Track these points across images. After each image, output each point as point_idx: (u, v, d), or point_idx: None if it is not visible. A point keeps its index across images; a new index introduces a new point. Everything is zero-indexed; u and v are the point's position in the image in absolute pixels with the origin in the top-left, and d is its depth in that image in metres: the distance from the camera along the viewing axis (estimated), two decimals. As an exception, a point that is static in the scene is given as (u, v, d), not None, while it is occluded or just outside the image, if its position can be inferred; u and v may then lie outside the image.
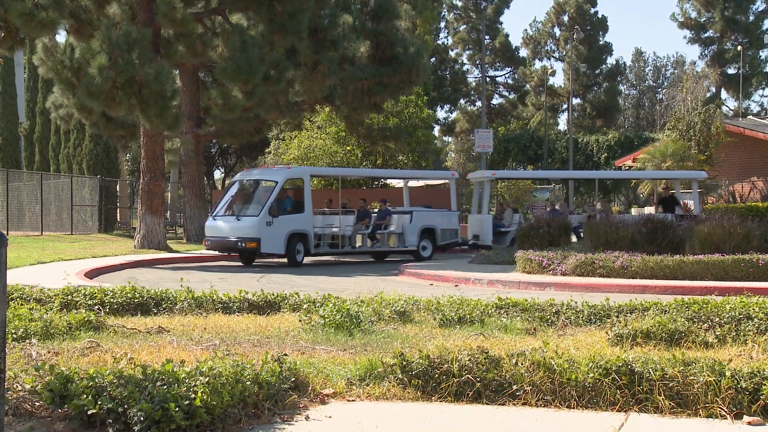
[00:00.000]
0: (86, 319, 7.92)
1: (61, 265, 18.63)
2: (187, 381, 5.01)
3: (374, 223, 24.18)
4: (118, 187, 39.65)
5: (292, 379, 5.68)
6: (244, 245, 21.41)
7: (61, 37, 57.67)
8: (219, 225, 22.17)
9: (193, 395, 4.86)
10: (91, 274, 17.56)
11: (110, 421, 4.77)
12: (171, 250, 24.95)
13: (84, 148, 39.50)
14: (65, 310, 8.92)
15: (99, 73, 20.23)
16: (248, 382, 5.27)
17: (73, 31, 23.79)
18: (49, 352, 6.29)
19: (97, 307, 9.11)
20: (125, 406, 4.76)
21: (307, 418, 5.26)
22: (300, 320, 8.41)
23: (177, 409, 4.72)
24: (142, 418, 4.67)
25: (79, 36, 23.59)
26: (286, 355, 6.03)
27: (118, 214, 40.01)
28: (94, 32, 22.51)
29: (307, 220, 22.23)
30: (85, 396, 4.84)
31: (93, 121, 27.50)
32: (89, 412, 4.80)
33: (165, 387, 4.91)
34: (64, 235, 32.56)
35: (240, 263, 23.23)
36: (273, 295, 10.09)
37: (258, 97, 24.49)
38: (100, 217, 36.54)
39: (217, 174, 61.17)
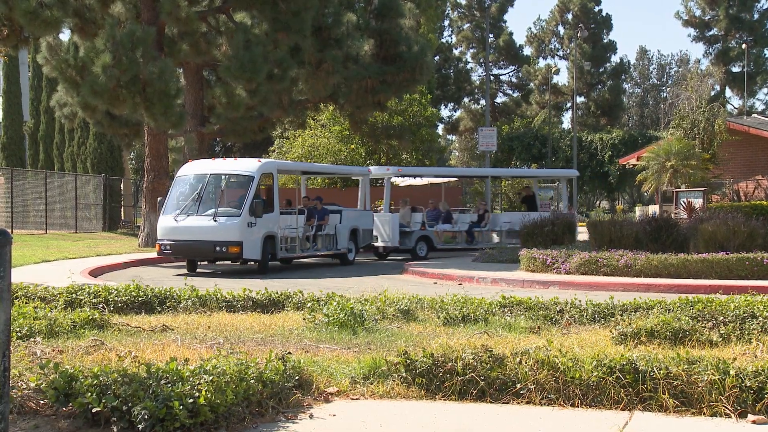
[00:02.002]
0: (90, 317, 7.93)
1: (66, 263, 18.66)
2: (191, 379, 5.02)
3: (315, 224, 21.45)
4: (122, 186, 39.67)
5: (296, 377, 5.69)
6: (225, 250, 18.57)
7: (66, 35, 57.71)
8: (186, 226, 18.93)
9: (197, 393, 4.86)
10: (96, 272, 17.59)
11: (114, 419, 4.78)
12: (175, 249, 24.91)
13: (88, 147, 39.54)
14: (69, 308, 8.93)
15: (103, 71, 20.25)
16: (252, 381, 5.27)
17: (78, 29, 23.82)
18: (53, 351, 6.30)
19: (101, 305, 9.13)
20: (129, 405, 4.77)
21: (311, 416, 5.26)
22: (304, 319, 8.41)
23: (181, 407, 4.72)
24: (146, 417, 4.68)
25: (83, 35, 23.62)
26: (290, 353, 6.04)
27: (122, 213, 40.02)
28: (98, 31, 22.53)
29: (275, 221, 19.65)
30: (89, 394, 4.84)
31: (97, 119, 27.53)
32: (93, 411, 4.81)
33: (169, 385, 4.91)
34: (68, 233, 32.61)
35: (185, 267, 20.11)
36: (277, 293, 10.09)
37: (262, 95, 24.49)
38: (104, 216, 36.57)
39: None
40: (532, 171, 30.99)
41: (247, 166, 20.06)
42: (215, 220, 18.81)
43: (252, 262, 19.50)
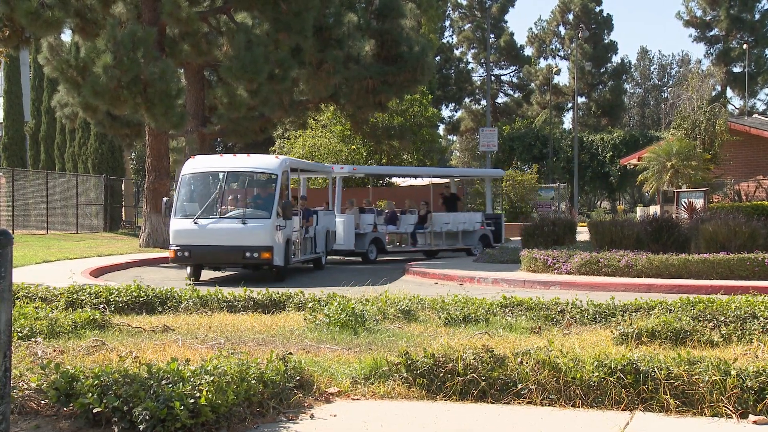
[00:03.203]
0: (91, 317, 7.94)
1: (67, 263, 18.67)
2: (192, 380, 5.02)
3: (305, 226, 19.90)
4: (123, 186, 39.68)
5: (297, 377, 5.69)
6: (256, 256, 16.75)
7: (67, 36, 57.77)
8: (210, 229, 17.04)
9: (198, 394, 4.86)
10: (97, 272, 17.60)
11: (115, 419, 4.78)
12: (176, 249, 24.92)
13: (89, 147, 39.55)
14: (70, 308, 8.94)
15: (104, 72, 20.25)
16: (253, 381, 5.28)
17: (79, 30, 23.82)
18: (54, 351, 6.31)
19: (102, 305, 9.14)
20: (130, 405, 4.77)
21: (312, 416, 5.26)
22: (305, 319, 8.42)
23: (182, 407, 4.73)
24: (147, 417, 4.68)
25: (84, 35, 23.62)
26: (291, 353, 6.04)
27: (123, 213, 40.02)
28: (99, 31, 22.54)
29: (292, 224, 18.28)
30: (90, 394, 4.85)
31: (98, 119, 27.54)
32: (94, 411, 4.81)
33: (170, 386, 4.92)
34: (69, 233, 32.61)
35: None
36: (278, 293, 10.10)
37: (263, 95, 24.49)
38: (105, 216, 36.57)
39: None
40: (460, 170, 30.40)
41: (266, 163, 18.62)
42: (244, 223, 16.99)
43: (271, 268, 17.47)
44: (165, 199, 18.58)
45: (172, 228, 17.44)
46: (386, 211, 24.56)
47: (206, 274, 18.58)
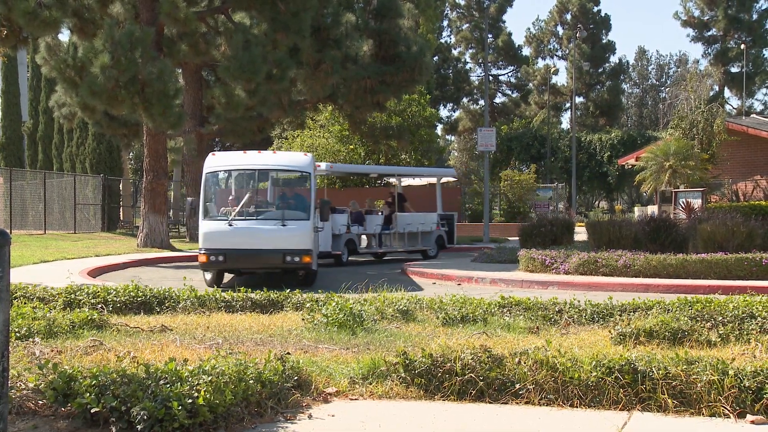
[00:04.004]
0: (89, 317, 7.93)
1: (64, 263, 18.65)
2: (190, 380, 5.02)
3: None
4: (121, 186, 39.65)
5: (295, 377, 5.69)
6: (297, 260, 15.61)
7: (64, 36, 57.77)
8: (248, 231, 15.83)
9: (196, 394, 4.86)
10: (94, 272, 17.58)
11: (113, 419, 4.77)
12: (174, 249, 24.96)
13: (87, 147, 39.53)
14: (68, 308, 8.94)
15: (102, 72, 20.24)
16: (251, 381, 5.28)
17: (76, 30, 23.80)
18: (52, 351, 6.30)
19: (100, 305, 9.13)
20: (128, 405, 4.77)
21: (310, 416, 5.26)
22: (303, 319, 8.42)
23: (180, 407, 4.72)
24: (145, 417, 4.67)
25: (82, 35, 23.60)
26: (289, 353, 6.04)
27: (121, 213, 40.01)
28: (97, 31, 22.52)
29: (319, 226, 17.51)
30: (88, 394, 4.84)
31: (96, 119, 27.51)
32: (92, 411, 4.81)
33: (168, 386, 4.91)
34: (67, 233, 32.59)
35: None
36: (276, 293, 10.10)
37: (261, 95, 24.48)
38: (103, 216, 36.56)
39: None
40: (414, 169, 29.72)
41: (298, 160, 17.59)
42: (283, 224, 15.83)
43: (307, 272, 16.45)
44: (190, 199, 17.23)
45: (202, 230, 16.00)
46: (351, 211, 23.44)
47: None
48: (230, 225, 15.82)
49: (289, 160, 17.82)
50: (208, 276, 16.46)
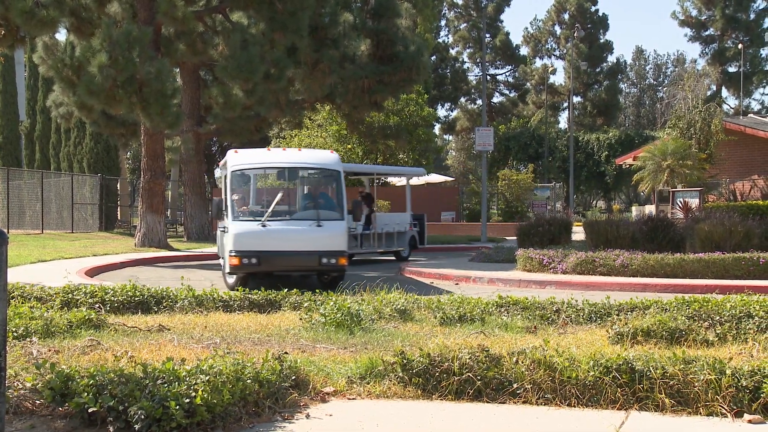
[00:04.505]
0: (87, 317, 7.93)
1: (62, 263, 18.64)
2: (187, 379, 5.02)
3: None
4: (118, 186, 39.64)
5: (293, 377, 5.69)
6: (334, 262, 14.94)
7: (62, 35, 57.70)
8: (282, 232, 15.09)
9: (193, 393, 4.86)
10: (92, 272, 17.57)
11: (111, 419, 4.77)
12: (172, 249, 24.95)
13: (84, 147, 39.51)
14: (66, 308, 8.93)
15: (99, 71, 20.22)
16: (249, 381, 5.27)
17: (74, 29, 23.77)
18: (49, 351, 6.30)
19: (97, 305, 9.12)
20: (126, 405, 4.77)
21: (307, 416, 5.26)
22: (301, 318, 8.42)
23: (177, 407, 4.72)
24: (142, 417, 4.67)
25: (79, 34, 23.58)
26: (286, 353, 6.04)
27: (118, 213, 40.00)
28: (94, 30, 22.49)
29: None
30: (85, 394, 4.84)
31: (93, 119, 27.50)
32: (90, 410, 4.81)
33: (166, 385, 4.91)
34: (64, 233, 32.57)
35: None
36: (274, 293, 10.09)
37: (258, 95, 24.47)
38: (101, 216, 36.55)
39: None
40: (382, 168, 28.70)
41: (326, 158, 16.91)
42: (319, 225, 15.14)
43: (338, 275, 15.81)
44: (216, 198, 15.98)
45: (232, 231, 15.02)
46: None
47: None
48: (263, 226, 15.01)
49: (318, 158, 17.08)
50: (231, 280, 15.58)
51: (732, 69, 69.13)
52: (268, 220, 15.07)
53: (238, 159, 16.37)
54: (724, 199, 28.19)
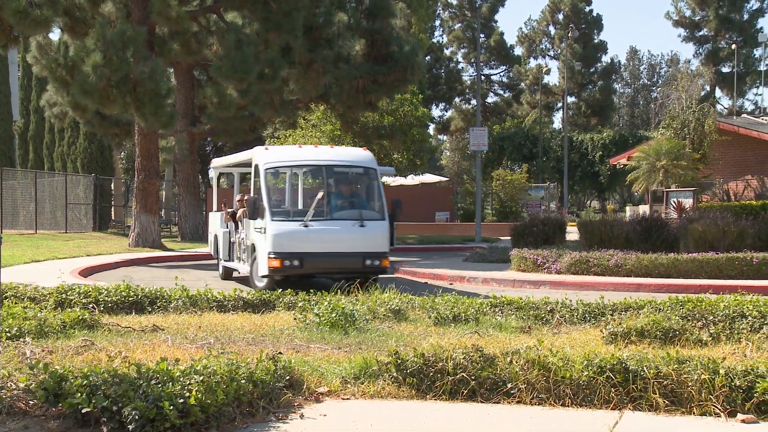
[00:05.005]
0: (81, 317, 7.91)
1: (56, 263, 18.60)
2: (181, 379, 5.01)
3: None
4: (112, 186, 39.55)
5: (287, 377, 5.69)
6: (377, 264, 14.57)
7: (56, 35, 57.56)
8: (325, 233, 14.53)
9: (187, 394, 4.85)
10: (86, 272, 17.54)
11: (104, 419, 4.76)
12: (166, 249, 24.92)
13: (78, 147, 39.42)
14: (60, 308, 8.91)
15: (93, 71, 20.18)
16: (243, 381, 5.27)
17: (68, 29, 23.73)
18: (43, 351, 6.28)
19: (91, 305, 9.11)
20: (119, 405, 4.76)
21: (301, 416, 5.26)
22: (295, 319, 8.42)
23: (171, 407, 4.71)
24: (136, 417, 4.66)
25: (73, 34, 23.53)
26: (280, 353, 6.03)
27: (112, 213, 39.90)
28: (88, 30, 22.46)
29: None
30: (79, 394, 4.83)
31: (87, 119, 27.46)
32: (83, 411, 4.80)
33: (159, 385, 4.90)
34: (58, 233, 32.50)
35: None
36: (268, 293, 10.09)
37: (253, 95, 24.45)
38: (95, 216, 36.46)
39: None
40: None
41: (361, 156, 16.25)
42: (362, 225, 14.69)
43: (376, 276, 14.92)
44: (249, 197, 15.13)
45: (271, 232, 14.31)
46: None
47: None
48: (306, 226, 14.41)
49: (354, 156, 16.38)
50: (261, 283, 14.71)
51: (726, 69, 69.24)
52: (310, 220, 14.52)
53: (270, 156, 15.66)
54: (718, 199, 28.25)
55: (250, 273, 15.44)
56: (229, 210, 17.91)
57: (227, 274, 17.83)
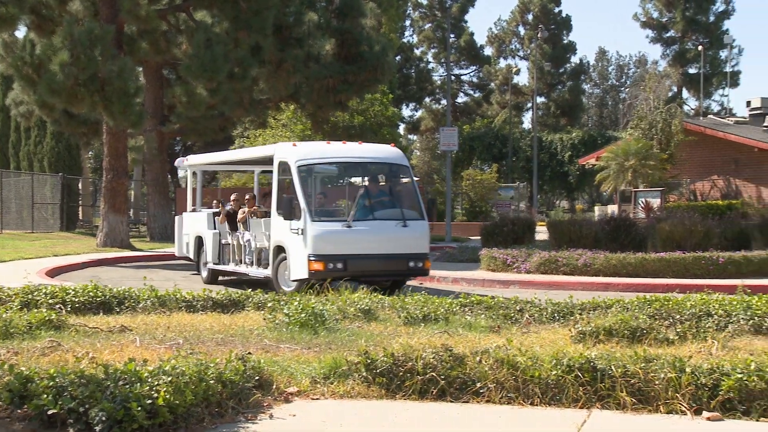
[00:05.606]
0: (47, 318, 7.82)
1: (22, 263, 18.39)
2: (149, 380, 4.97)
3: None
4: (80, 185, 39.15)
5: (256, 377, 5.66)
6: (420, 266, 14.03)
7: (21, 32, 56.93)
8: (369, 233, 13.84)
9: (155, 394, 4.82)
10: (53, 272, 17.36)
11: (71, 421, 4.71)
12: (134, 249, 24.74)
13: (45, 146, 38.98)
14: (25, 309, 8.80)
15: (61, 69, 19.98)
16: (212, 381, 5.24)
17: (34, 27, 23.47)
18: (8, 352, 6.21)
19: (58, 306, 9.00)
20: (86, 406, 4.71)
21: (271, 416, 5.24)
22: (264, 319, 8.39)
23: (139, 408, 4.68)
24: (103, 418, 4.62)
25: (40, 32, 23.28)
26: (250, 353, 6.01)
27: (80, 213, 39.51)
28: (55, 28, 22.22)
29: None
30: (45, 396, 4.78)
31: (54, 118, 27.17)
32: (49, 413, 4.74)
33: (127, 386, 4.86)
34: (24, 233, 32.12)
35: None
36: (237, 293, 10.04)
37: (222, 94, 24.34)
38: (62, 216, 36.06)
39: (181, 172, 60.52)
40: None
41: (394, 153, 15.36)
42: (405, 225, 13.97)
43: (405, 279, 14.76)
44: (285, 196, 14.07)
45: (311, 233, 13.39)
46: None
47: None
48: (348, 227, 13.67)
49: (388, 153, 15.38)
50: (290, 287, 13.70)
51: (692, 70, 69.93)
52: (355, 222, 13.82)
53: (299, 152, 14.66)
54: (685, 199, 28.56)
55: (273, 276, 14.52)
56: (228, 209, 17.10)
57: (214, 278, 17.08)
